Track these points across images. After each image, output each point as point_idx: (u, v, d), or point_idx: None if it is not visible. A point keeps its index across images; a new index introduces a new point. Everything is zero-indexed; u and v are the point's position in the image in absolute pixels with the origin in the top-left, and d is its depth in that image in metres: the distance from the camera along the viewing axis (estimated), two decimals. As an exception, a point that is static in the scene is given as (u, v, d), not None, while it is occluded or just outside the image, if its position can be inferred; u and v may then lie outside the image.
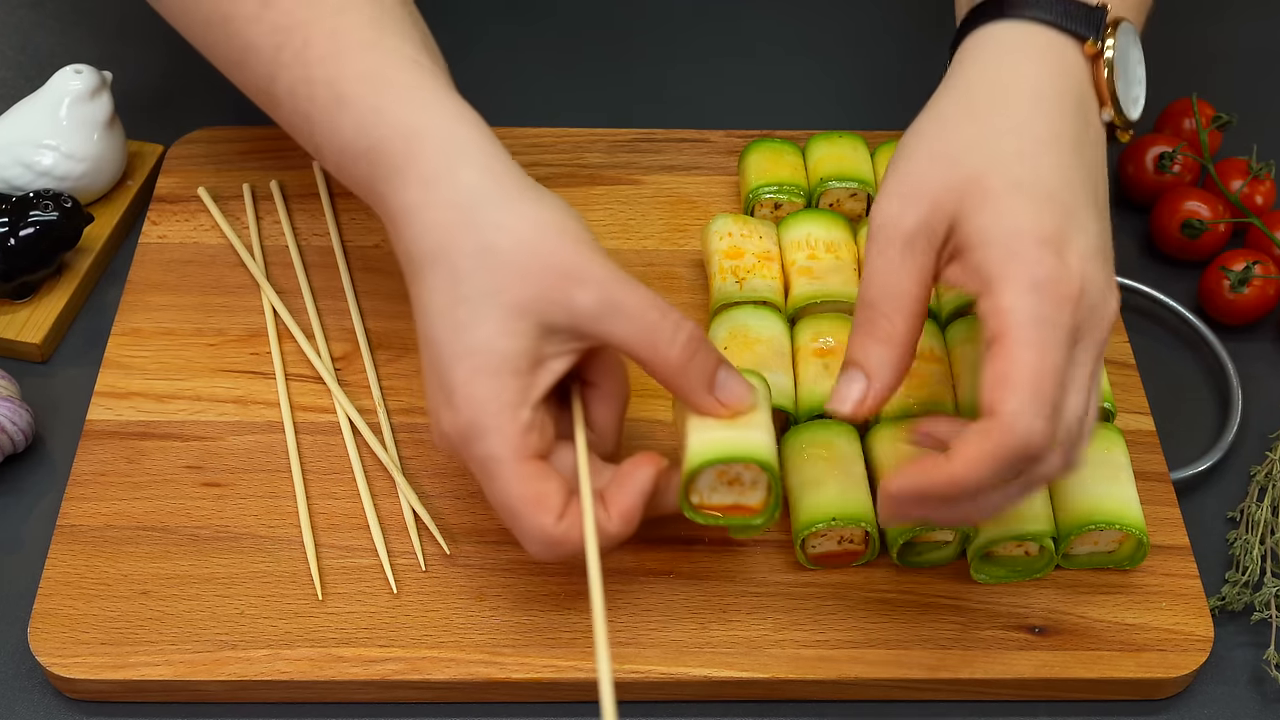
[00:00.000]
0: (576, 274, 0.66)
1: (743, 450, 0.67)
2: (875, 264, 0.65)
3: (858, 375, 0.66)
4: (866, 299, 0.65)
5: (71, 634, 0.71)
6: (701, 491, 0.69)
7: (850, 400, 0.66)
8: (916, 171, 0.65)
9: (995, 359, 0.61)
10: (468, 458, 0.67)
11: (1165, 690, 0.73)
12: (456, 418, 0.66)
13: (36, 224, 0.83)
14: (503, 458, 0.65)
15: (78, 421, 0.80)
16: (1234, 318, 0.88)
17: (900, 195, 0.65)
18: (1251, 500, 0.80)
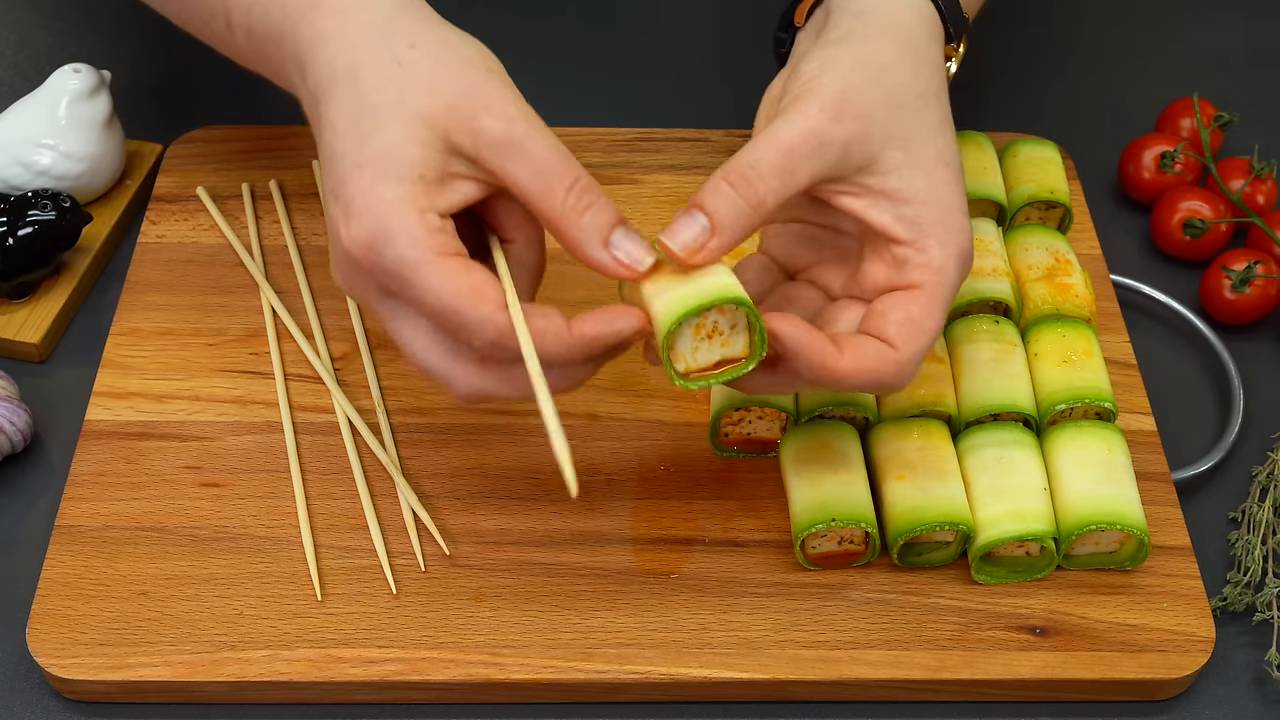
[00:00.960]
0: (485, 100, 0.64)
1: (711, 295, 0.64)
2: (784, 142, 0.65)
3: (700, 218, 0.64)
4: (753, 158, 0.64)
5: (70, 635, 0.71)
6: (684, 356, 0.66)
7: (685, 242, 0.64)
8: (859, 101, 0.66)
9: (913, 304, 0.66)
10: (377, 274, 0.62)
11: (1167, 691, 0.73)
12: (359, 228, 0.62)
13: (35, 223, 0.83)
14: (419, 259, 0.61)
15: (76, 421, 0.79)
16: (1235, 318, 0.88)
17: (839, 109, 0.65)
18: (1253, 500, 0.80)
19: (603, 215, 0.65)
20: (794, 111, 0.66)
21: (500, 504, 0.77)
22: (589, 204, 0.65)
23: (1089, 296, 0.82)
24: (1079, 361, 0.79)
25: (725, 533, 0.76)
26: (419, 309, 0.63)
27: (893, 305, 0.67)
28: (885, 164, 0.66)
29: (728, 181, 0.64)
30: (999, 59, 1.05)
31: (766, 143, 0.65)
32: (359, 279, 0.65)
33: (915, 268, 0.67)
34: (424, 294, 0.62)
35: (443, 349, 0.65)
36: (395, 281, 0.63)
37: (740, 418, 0.78)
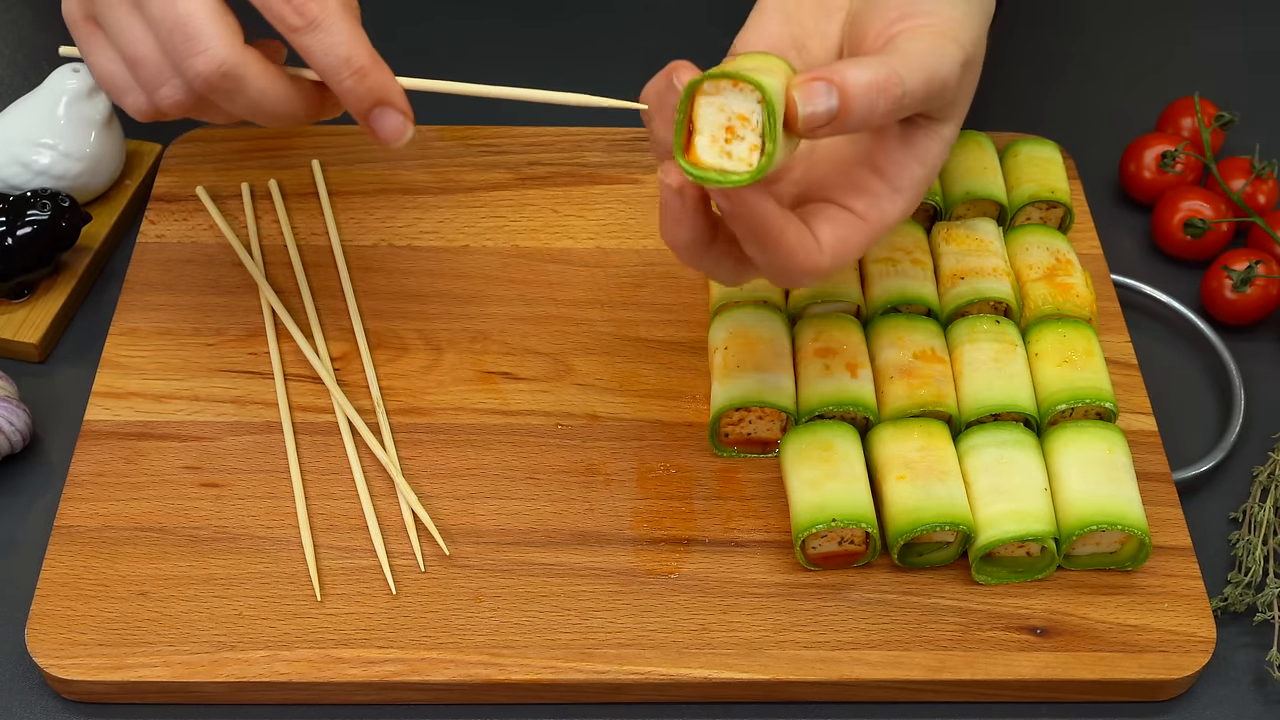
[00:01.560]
0: None
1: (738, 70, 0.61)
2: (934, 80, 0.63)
3: (835, 98, 0.61)
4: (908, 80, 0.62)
5: (69, 635, 0.71)
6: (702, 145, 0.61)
7: (814, 110, 0.61)
8: (976, 60, 0.66)
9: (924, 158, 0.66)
10: None
11: (1167, 691, 0.73)
12: None
13: (34, 223, 0.83)
14: None
15: (75, 422, 0.79)
16: (1236, 317, 0.88)
17: (968, 64, 0.65)
18: (1254, 501, 0.79)
19: None
20: (944, 50, 0.64)
21: (500, 504, 0.77)
22: None
23: (1090, 296, 0.82)
24: (1080, 361, 0.79)
25: (725, 533, 0.76)
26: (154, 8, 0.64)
27: (836, 222, 0.66)
28: (942, 131, 0.66)
29: (879, 88, 0.62)
30: (1000, 59, 1.05)
31: (921, 71, 0.63)
32: None
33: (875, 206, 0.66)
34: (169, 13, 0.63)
35: (163, 55, 0.65)
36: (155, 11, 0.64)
37: (740, 418, 0.78)
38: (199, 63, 0.64)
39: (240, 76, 0.65)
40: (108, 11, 0.67)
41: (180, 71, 0.65)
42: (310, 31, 0.65)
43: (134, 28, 0.66)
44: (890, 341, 0.80)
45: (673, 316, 0.85)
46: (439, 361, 0.83)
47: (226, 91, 0.66)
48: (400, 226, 0.89)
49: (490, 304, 0.85)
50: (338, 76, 0.66)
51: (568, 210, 0.90)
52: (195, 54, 0.64)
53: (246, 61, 0.65)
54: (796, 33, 0.70)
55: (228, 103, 0.67)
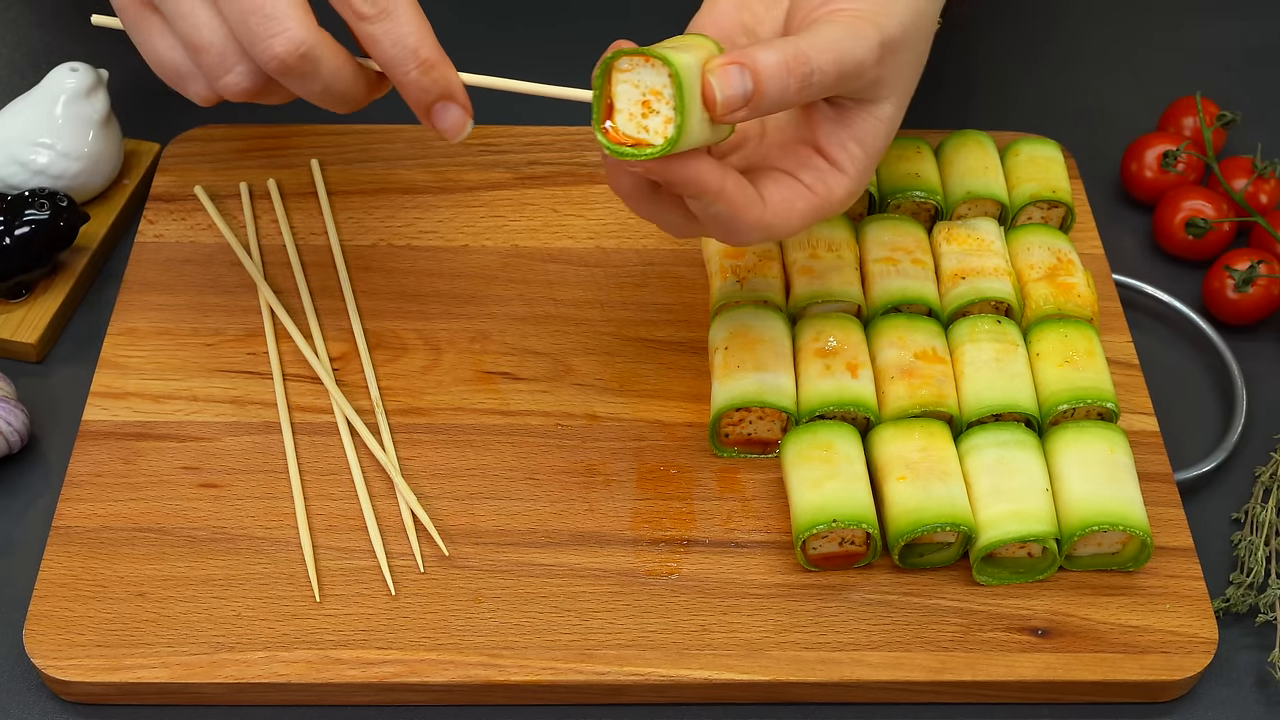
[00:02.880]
0: None
1: (655, 49, 0.63)
2: (846, 61, 0.65)
3: (749, 81, 0.63)
4: (816, 60, 0.64)
5: (67, 636, 0.71)
6: (623, 118, 0.64)
7: (729, 96, 0.63)
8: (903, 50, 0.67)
9: (798, 199, 0.67)
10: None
11: (1169, 693, 0.73)
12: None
13: (32, 223, 0.82)
14: None
15: (73, 422, 0.79)
16: (1238, 317, 0.88)
17: (889, 50, 0.66)
18: (1256, 501, 0.79)
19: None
20: (859, 33, 0.65)
21: (499, 504, 0.76)
22: None
23: (1091, 296, 0.82)
24: (1081, 361, 0.79)
25: (726, 534, 0.76)
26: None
27: (780, 183, 0.67)
28: (878, 111, 0.68)
29: (788, 68, 0.63)
30: (1001, 58, 1.05)
31: (829, 51, 0.64)
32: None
33: (821, 180, 0.68)
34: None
35: (231, 39, 0.65)
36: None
37: (740, 418, 0.78)
38: (277, 44, 0.63)
39: (317, 59, 0.64)
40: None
41: (255, 54, 0.64)
42: (380, 20, 0.64)
43: (200, 11, 0.65)
44: (891, 341, 0.80)
45: (673, 316, 0.85)
46: (438, 361, 0.82)
47: (302, 74, 0.65)
48: (399, 226, 0.89)
49: (490, 304, 0.85)
50: (404, 68, 0.66)
51: (567, 210, 0.90)
52: (273, 35, 0.63)
53: (322, 43, 0.64)
54: (747, 19, 0.72)
55: (300, 86, 0.66)
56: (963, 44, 1.05)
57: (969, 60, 1.05)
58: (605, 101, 0.64)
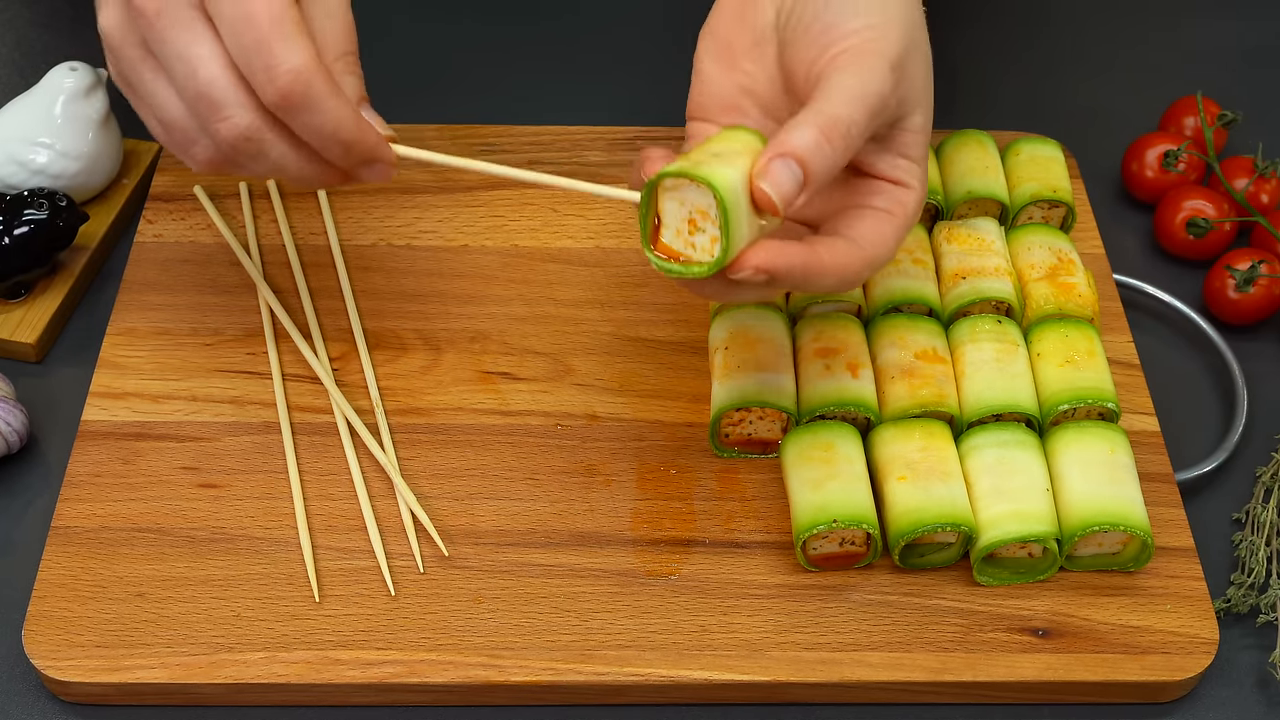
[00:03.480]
0: None
1: (694, 169, 0.63)
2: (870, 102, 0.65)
3: (796, 169, 0.63)
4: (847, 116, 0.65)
5: (66, 637, 0.71)
6: (671, 235, 0.64)
7: (784, 193, 0.63)
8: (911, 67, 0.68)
9: (884, 225, 0.68)
10: None
11: (1170, 693, 0.73)
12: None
13: (31, 223, 0.82)
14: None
15: (72, 422, 0.79)
16: (1239, 317, 0.87)
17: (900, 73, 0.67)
18: (1257, 502, 0.79)
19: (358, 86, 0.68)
20: (870, 68, 0.66)
21: (499, 505, 0.76)
22: None
23: (1092, 296, 0.82)
24: (1082, 361, 0.79)
25: (726, 534, 0.76)
26: (236, 12, 0.62)
27: (862, 218, 0.68)
28: (910, 124, 0.69)
29: (826, 136, 0.64)
30: (1002, 57, 1.05)
31: (854, 102, 0.65)
32: None
33: (894, 200, 0.68)
34: (262, 1, 0.62)
35: (233, 73, 0.64)
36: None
37: (741, 418, 0.78)
38: (223, 128, 0.64)
39: (261, 139, 0.65)
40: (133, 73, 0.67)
41: (257, 85, 0.64)
42: (296, 114, 0.64)
43: (160, 90, 0.66)
44: (891, 341, 0.79)
45: (673, 316, 0.85)
46: (438, 361, 0.82)
47: (249, 154, 0.65)
48: (399, 226, 0.89)
49: (489, 304, 0.85)
50: (328, 152, 0.66)
51: (567, 210, 0.90)
52: (219, 120, 0.64)
53: (265, 125, 0.65)
54: (742, 80, 0.72)
55: (252, 164, 0.67)
56: (963, 44, 1.05)
57: (969, 60, 1.04)
58: (652, 217, 0.64)
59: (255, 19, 0.62)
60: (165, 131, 0.67)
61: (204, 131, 0.66)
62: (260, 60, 0.63)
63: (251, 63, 0.63)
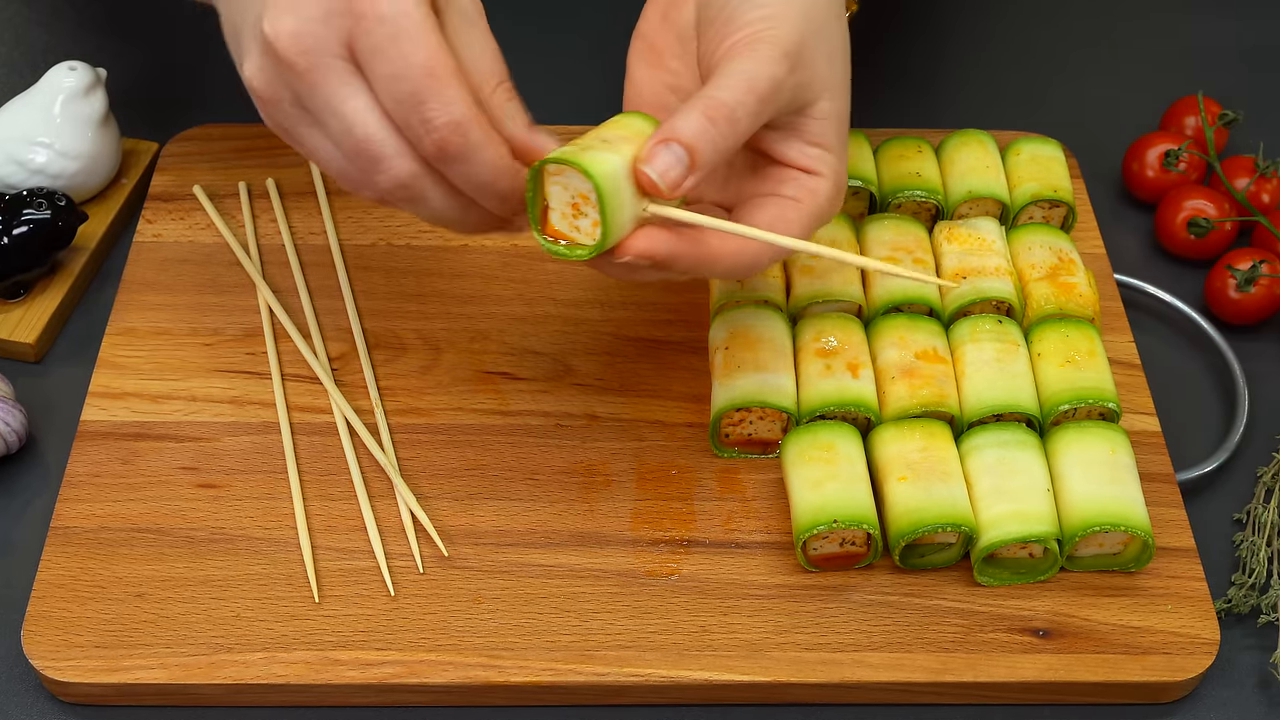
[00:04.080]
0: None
1: (571, 155, 0.64)
2: (759, 87, 0.66)
3: (679, 151, 0.64)
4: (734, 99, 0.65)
5: (65, 637, 0.71)
6: (557, 218, 0.66)
7: (664, 174, 0.64)
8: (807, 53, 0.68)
9: (788, 210, 0.68)
10: (361, 22, 0.61)
11: (1171, 694, 0.73)
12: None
13: (30, 222, 0.82)
14: (414, 13, 0.61)
15: (72, 422, 0.79)
16: (1240, 317, 0.87)
17: (796, 59, 0.67)
18: (1258, 502, 0.79)
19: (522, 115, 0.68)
20: (758, 56, 0.66)
21: (499, 505, 0.76)
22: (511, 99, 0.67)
23: (1092, 296, 0.82)
24: (1082, 361, 0.79)
25: (726, 534, 0.76)
26: (390, 68, 0.61)
27: (764, 206, 0.68)
28: (817, 111, 0.69)
29: (710, 120, 0.64)
30: (1002, 57, 1.05)
31: (739, 86, 0.65)
32: (324, 30, 0.61)
33: (803, 188, 0.68)
34: (410, 49, 0.61)
35: (389, 122, 0.63)
36: (376, 36, 0.61)
37: (741, 418, 0.78)
38: (382, 179, 0.64)
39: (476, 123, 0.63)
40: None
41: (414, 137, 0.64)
42: (449, 164, 0.64)
43: (318, 141, 0.65)
44: (892, 341, 0.79)
45: (673, 316, 0.85)
46: (438, 361, 0.82)
47: (409, 200, 0.65)
48: (399, 225, 0.89)
49: (489, 304, 0.85)
50: (485, 201, 0.66)
51: (567, 209, 0.89)
52: (378, 172, 0.64)
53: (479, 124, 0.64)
54: (668, 79, 0.72)
55: (414, 209, 0.66)
56: (964, 43, 1.05)
57: (970, 59, 1.04)
58: (541, 201, 0.65)
59: (409, 71, 0.61)
60: (333, 174, 0.66)
61: (364, 180, 0.65)
62: (416, 114, 0.62)
63: (408, 116, 0.62)
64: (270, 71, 0.63)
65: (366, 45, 0.61)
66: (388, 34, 0.61)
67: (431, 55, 0.61)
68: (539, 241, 0.66)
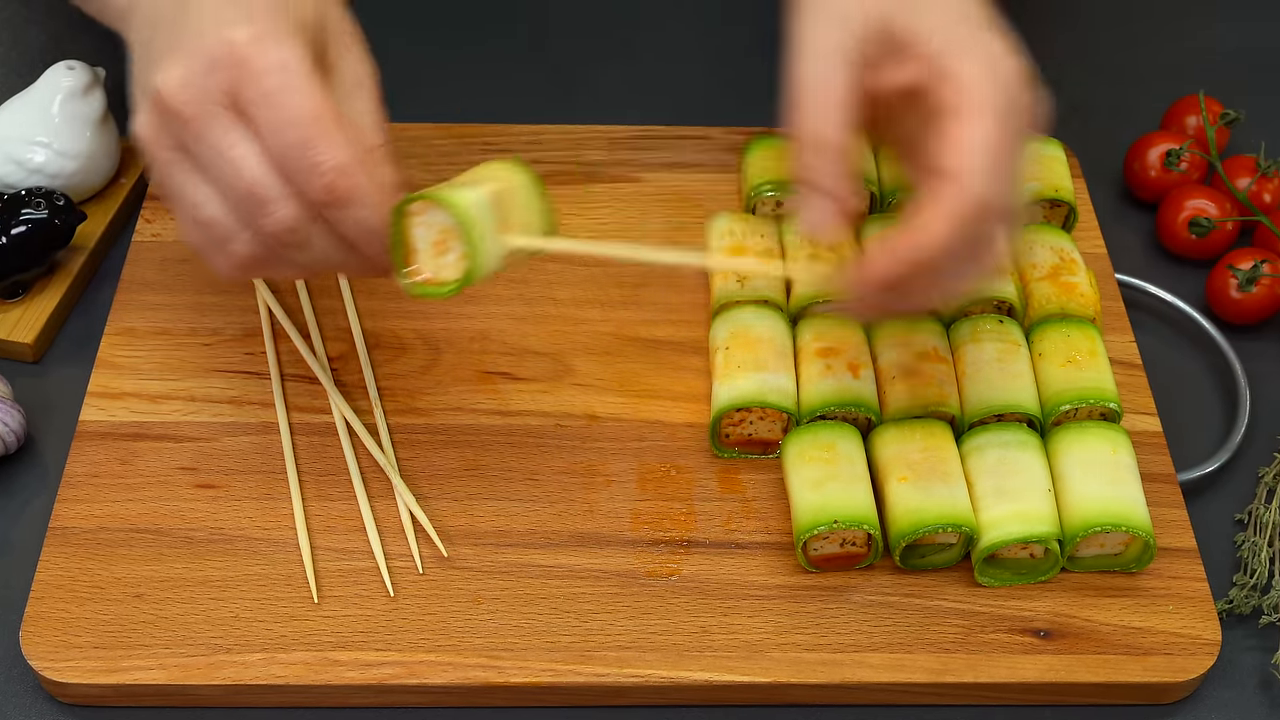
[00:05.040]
0: None
1: (440, 194, 0.66)
2: (808, 79, 0.66)
3: (815, 196, 0.65)
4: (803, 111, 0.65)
5: (64, 637, 0.71)
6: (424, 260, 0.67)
7: (820, 223, 0.65)
8: None
9: (955, 125, 0.64)
10: (241, 76, 0.62)
11: (1172, 695, 0.72)
12: (245, 28, 0.62)
13: (28, 222, 0.82)
14: (299, 67, 0.62)
15: (70, 422, 0.79)
16: (1242, 317, 0.87)
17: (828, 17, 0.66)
18: (1260, 502, 0.79)
19: None
20: None
21: (498, 505, 0.76)
22: None
23: (1094, 296, 0.82)
24: (1083, 361, 0.78)
25: (726, 534, 0.76)
26: (278, 116, 0.63)
27: (939, 137, 0.65)
28: (921, 35, 0.66)
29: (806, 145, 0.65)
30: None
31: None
32: (209, 81, 0.63)
33: (947, 93, 0.65)
34: (297, 98, 0.62)
35: (273, 173, 0.64)
36: (262, 86, 0.62)
37: (741, 418, 0.78)
38: (268, 223, 0.65)
39: (360, 168, 0.64)
40: None
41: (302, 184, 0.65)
42: (336, 209, 0.65)
43: (200, 190, 0.66)
44: (892, 341, 0.79)
45: (673, 316, 0.84)
46: (437, 361, 0.82)
47: (293, 246, 0.66)
48: (398, 225, 0.88)
49: (489, 303, 0.85)
50: (366, 247, 0.67)
51: (567, 209, 0.89)
52: (264, 216, 0.64)
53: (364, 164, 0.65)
54: None
55: (294, 256, 0.67)
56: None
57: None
58: (406, 244, 0.67)
59: (298, 118, 0.63)
60: (202, 231, 0.67)
61: (246, 227, 0.66)
62: (305, 158, 0.63)
63: (296, 161, 0.63)
64: (158, 122, 0.65)
65: (253, 95, 0.63)
66: (275, 84, 0.63)
67: (319, 104, 0.63)
68: (402, 284, 0.67)
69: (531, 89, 1.00)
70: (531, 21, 1.04)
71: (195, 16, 0.64)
